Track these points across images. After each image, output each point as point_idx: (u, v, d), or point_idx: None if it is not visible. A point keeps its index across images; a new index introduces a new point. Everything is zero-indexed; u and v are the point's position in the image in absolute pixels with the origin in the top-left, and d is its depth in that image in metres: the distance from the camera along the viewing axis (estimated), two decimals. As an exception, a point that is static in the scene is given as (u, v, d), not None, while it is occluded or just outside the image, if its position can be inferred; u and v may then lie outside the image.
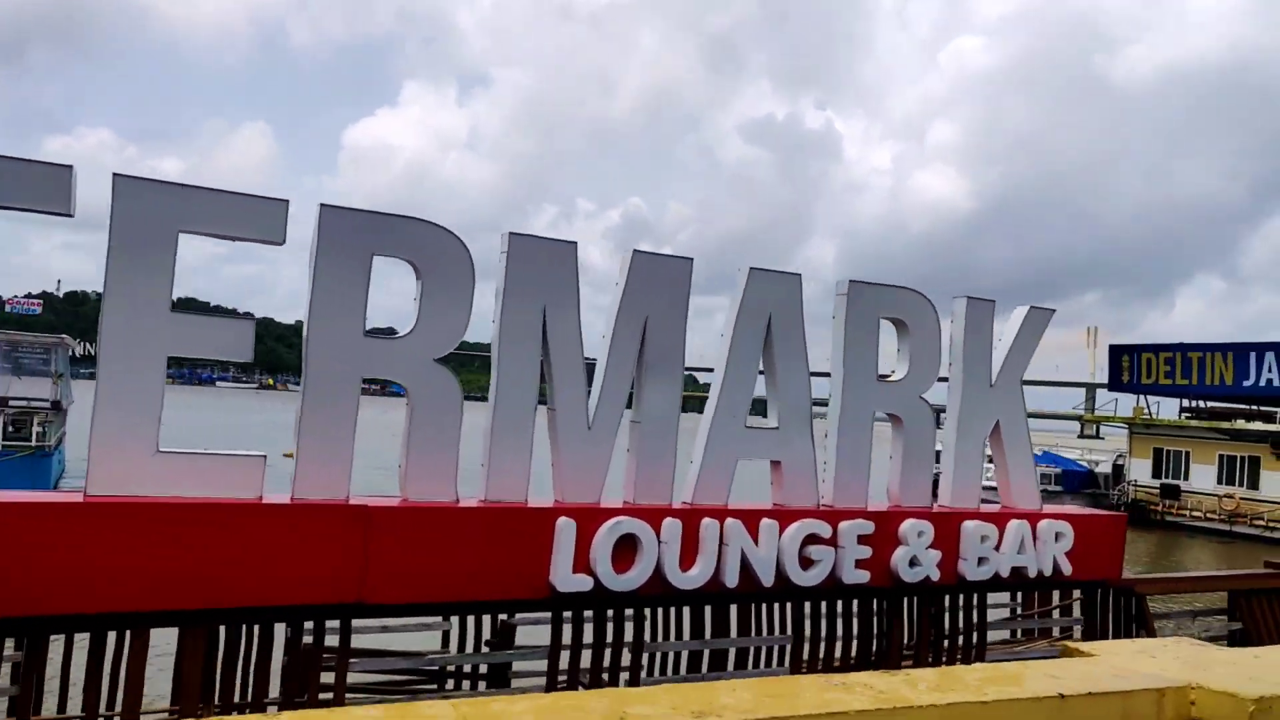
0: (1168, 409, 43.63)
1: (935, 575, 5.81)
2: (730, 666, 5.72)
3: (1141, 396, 42.82)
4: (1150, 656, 2.79)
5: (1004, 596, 7.14)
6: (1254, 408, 40.26)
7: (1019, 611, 7.15)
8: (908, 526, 5.74)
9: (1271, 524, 35.53)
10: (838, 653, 6.04)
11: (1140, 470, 41.06)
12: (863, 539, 5.59)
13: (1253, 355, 36.89)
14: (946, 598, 6.27)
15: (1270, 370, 35.85)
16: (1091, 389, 55.27)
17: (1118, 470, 43.12)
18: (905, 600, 6.18)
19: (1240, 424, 38.31)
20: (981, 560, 6.00)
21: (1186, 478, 39.18)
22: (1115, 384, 42.99)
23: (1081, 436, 64.93)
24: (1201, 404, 43.04)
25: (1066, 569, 6.33)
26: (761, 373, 5.63)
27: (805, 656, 5.91)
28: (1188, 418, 41.84)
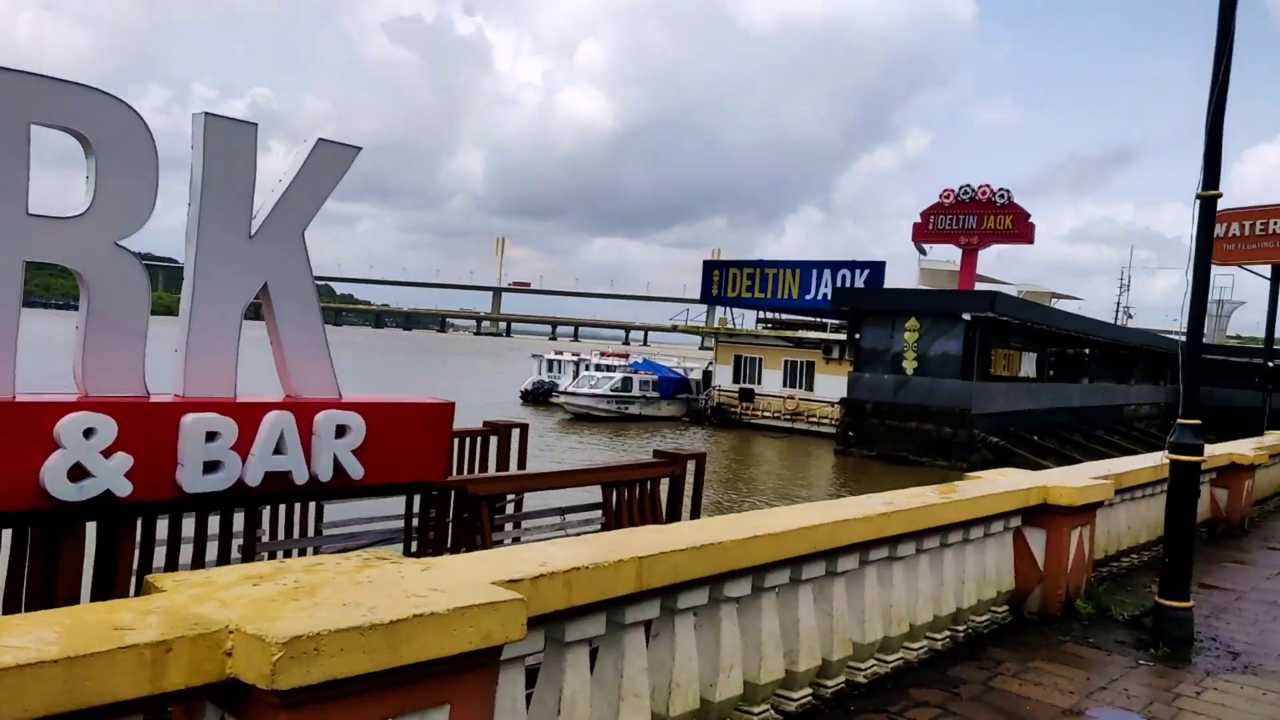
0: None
1: (125, 489, 4.31)
2: None
3: (729, 309, 46.24)
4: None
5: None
6: (817, 320, 45.08)
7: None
8: (75, 422, 4.15)
9: (822, 419, 40.13)
10: None
11: (724, 376, 44.50)
12: None
13: (814, 271, 40.94)
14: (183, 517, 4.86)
15: (826, 286, 40.01)
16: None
17: (708, 376, 46.47)
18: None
19: (802, 334, 42.66)
20: (211, 466, 4.61)
21: (760, 382, 43.08)
22: (706, 297, 46.02)
23: (703, 349, 69.81)
24: (778, 315, 47.48)
25: (356, 471, 5.16)
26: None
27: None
28: (764, 328, 45.92)
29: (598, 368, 46.00)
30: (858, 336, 35.18)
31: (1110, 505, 7.58)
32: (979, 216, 37.63)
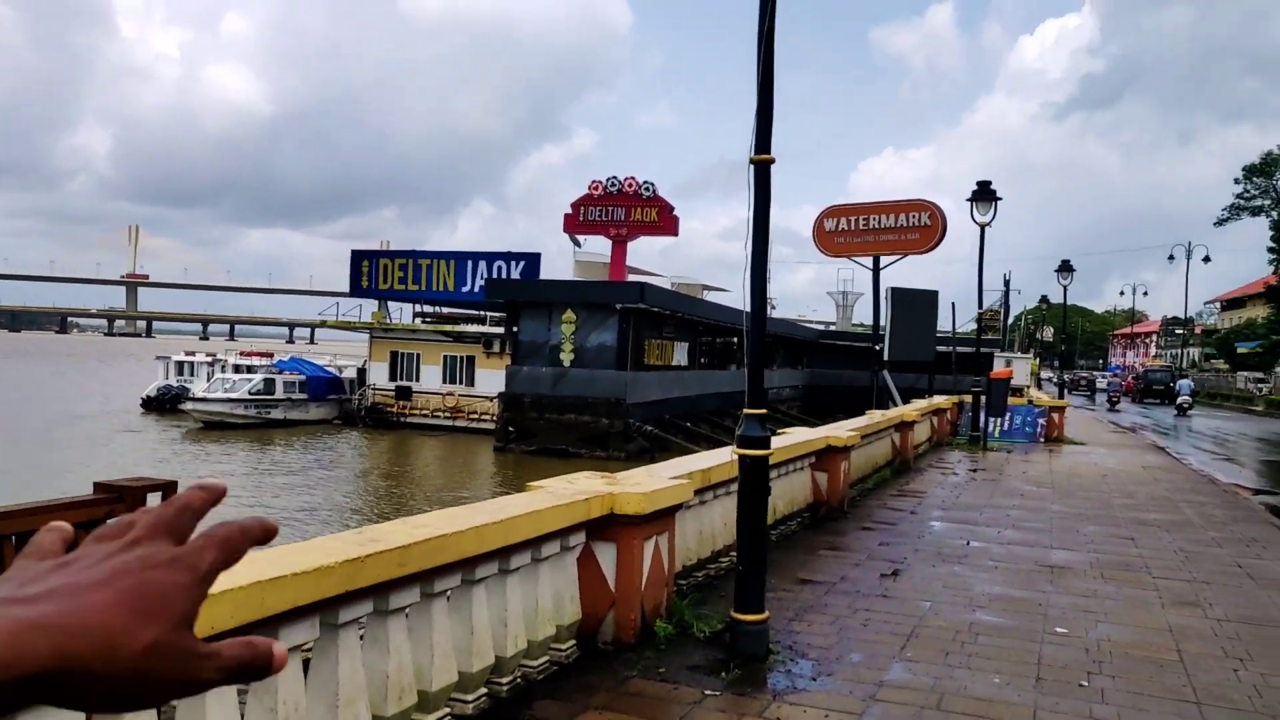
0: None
1: None
2: None
3: (382, 302, 43.57)
4: None
5: None
6: (480, 313, 43.85)
7: None
8: None
9: (484, 415, 38.98)
10: None
11: (379, 373, 41.83)
12: None
13: (469, 263, 39.63)
14: None
15: (481, 277, 38.87)
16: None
17: (362, 375, 43.48)
18: None
19: (463, 328, 41.22)
20: None
21: (418, 379, 41.00)
22: (356, 290, 42.99)
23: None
24: (440, 309, 45.59)
25: None
26: None
27: None
28: (423, 323, 43.87)
29: (235, 368, 41.27)
30: (516, 329, 34.44)
31: (702, 504, 6.96)
32: (626, 208, 38.48)
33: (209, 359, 44.31)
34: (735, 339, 49.43)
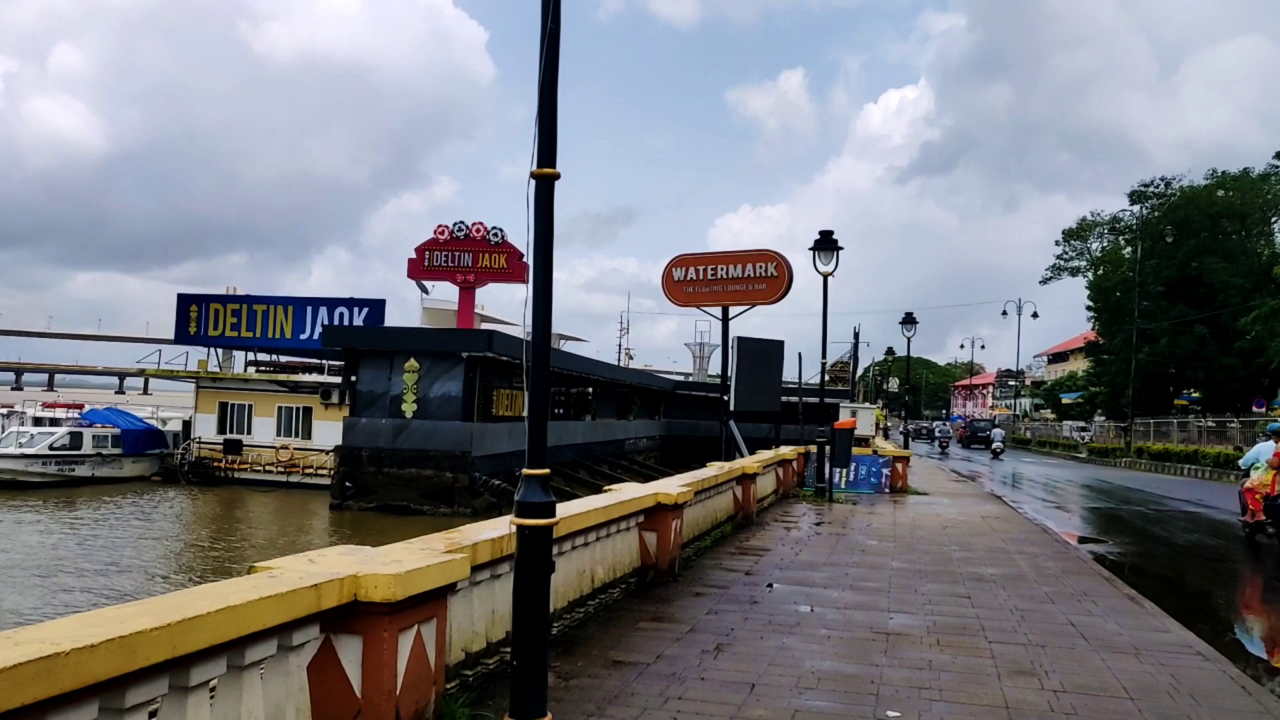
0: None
1: None
2: None
3: (213, 349, 40.62)
4: None
5: None
6: (319, 362, 41.47)
7: None
8: None
9: (320, 469, 36.57)
10: None
11: (207, 426, 38.79)
12: None
13: (309, 309, 37.46)
14: None
15: (321, 324, 36.76)
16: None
17: (188, 427, 40.23)
18: None
19: (300, 377, 38.81)
20: None
21: (250, 431, 38.23)
22: (183, 336, 39.88)
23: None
24: (277, 358, 42.86)
25: None
26: None
27: None
28: (258, 371, 41.12)
29: (36, 421, 37.29)
30: (355, 379, 32.54)
31: (495, 578, 5.98)
32: (474, 254, 37.28)
33: (3, 410, 39.93)
34: (590, 389, 48.77)
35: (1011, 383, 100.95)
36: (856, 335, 52.65)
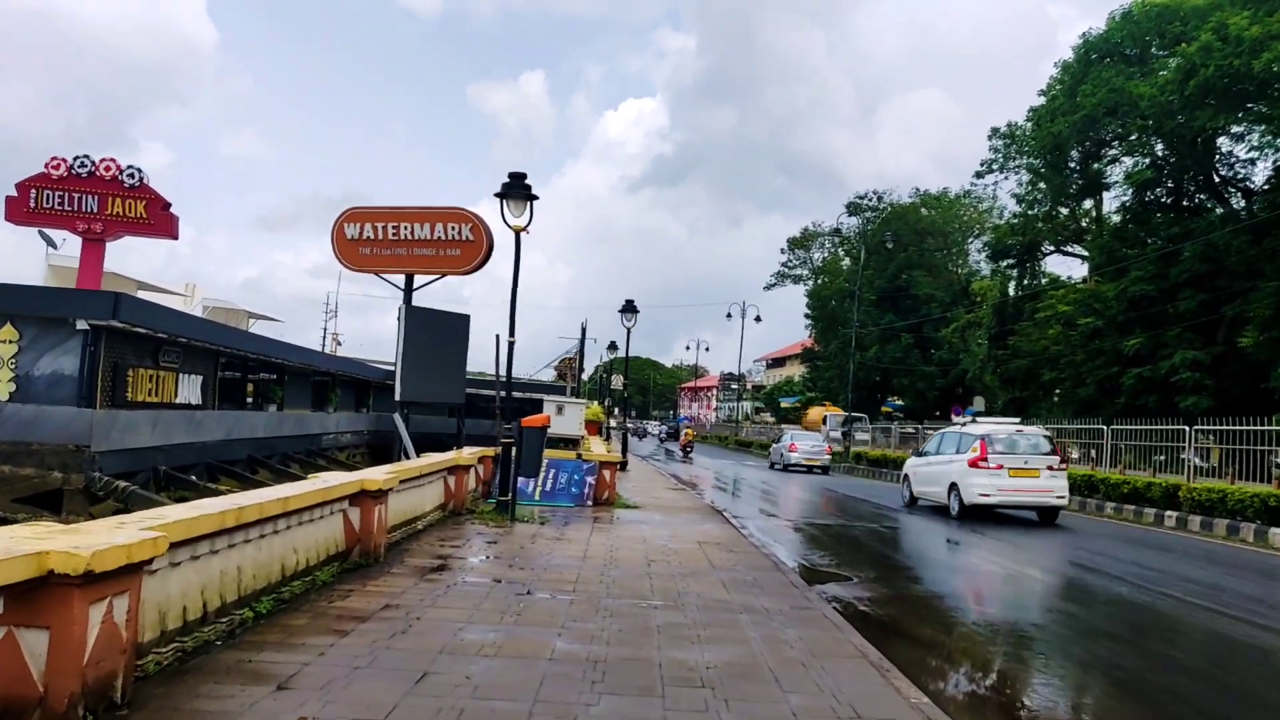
0: None
1: None
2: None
3: None
4: None
5: None
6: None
7: None
8: None
9: None
10: None
11: None
12: None
13: None
14: None
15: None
16: None
17: None
18: None
19: None
20: None
21: None
22: None
23: None
24: None
25: None
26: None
27: None
28: None
29: None
30: (-81, 347, 24.29)
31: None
32: (101, 197, 29.59)
33: None
34: (277, 375, 41.90)
35: (734, 386, 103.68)
36: (584, 329, 49.75)
